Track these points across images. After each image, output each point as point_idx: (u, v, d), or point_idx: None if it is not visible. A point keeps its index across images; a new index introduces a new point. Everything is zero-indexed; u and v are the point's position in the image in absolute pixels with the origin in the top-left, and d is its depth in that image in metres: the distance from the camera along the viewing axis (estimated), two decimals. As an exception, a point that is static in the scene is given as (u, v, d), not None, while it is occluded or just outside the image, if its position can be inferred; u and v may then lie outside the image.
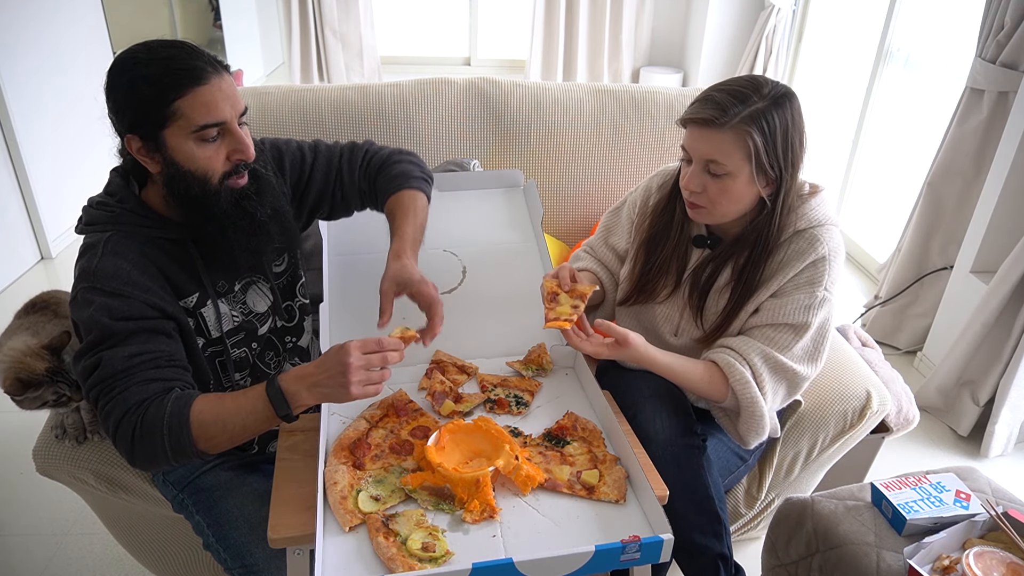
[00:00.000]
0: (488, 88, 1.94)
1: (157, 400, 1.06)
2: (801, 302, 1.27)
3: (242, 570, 1.21)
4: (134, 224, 1.17)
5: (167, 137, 1.08)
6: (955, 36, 2.79)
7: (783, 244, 1.29)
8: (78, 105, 3.46)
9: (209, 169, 1.12)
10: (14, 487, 2.06)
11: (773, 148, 1.19)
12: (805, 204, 1.29)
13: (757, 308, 1.32)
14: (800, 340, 1.28)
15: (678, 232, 1.37)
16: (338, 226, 1.51)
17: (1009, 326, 2.14)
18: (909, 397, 1.86)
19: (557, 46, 4.58)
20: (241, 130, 1.13)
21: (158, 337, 1.12)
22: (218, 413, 1.07)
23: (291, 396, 1.06)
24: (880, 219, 3.24)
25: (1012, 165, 2.14)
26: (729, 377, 1.28)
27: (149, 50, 1.08)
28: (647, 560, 0.97)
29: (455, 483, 1.06)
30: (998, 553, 1.12)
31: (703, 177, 1.24)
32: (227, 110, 1.09)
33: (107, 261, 1.12)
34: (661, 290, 1.39)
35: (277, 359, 1.38)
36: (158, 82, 1.05)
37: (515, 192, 1.63)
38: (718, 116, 1.18)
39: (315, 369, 1.06)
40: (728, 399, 1.31)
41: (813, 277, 1.27)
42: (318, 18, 4.49)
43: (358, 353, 1.04)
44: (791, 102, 1.21)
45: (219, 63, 1.11)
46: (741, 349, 1.29)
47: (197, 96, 1.06)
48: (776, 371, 1.29)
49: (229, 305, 1.27)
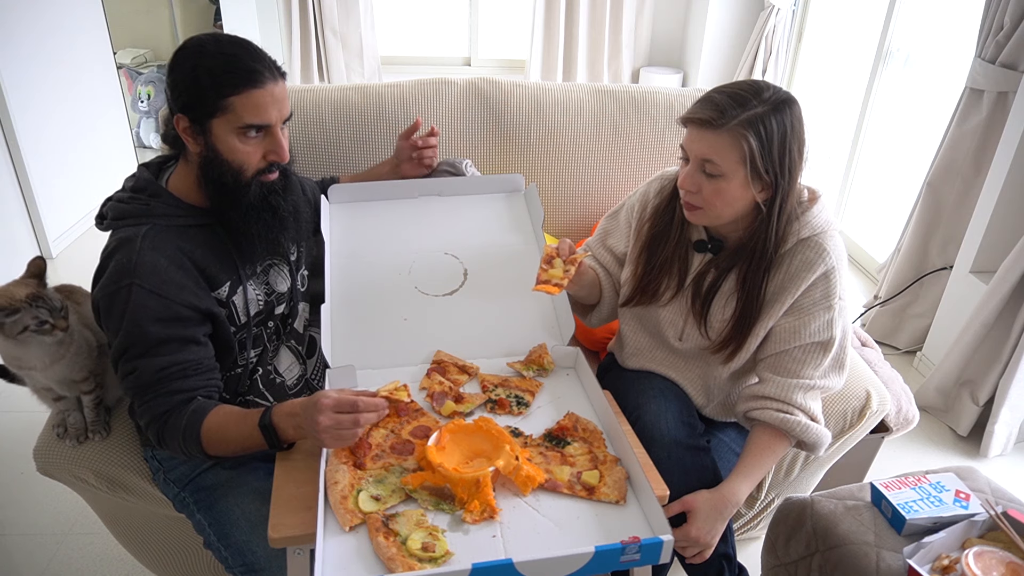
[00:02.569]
0: (488, 88, 1.95)
1: (177, 412, 1.18)
2: (822, 318, 1.27)
3: (243, 568, 1.21)
4: (168, 216, 1.24)
5: (214, 126, 1.17)
6: (955, 36, 2.80)
7: (788, 253, 1.28)
8: (79, 105, 3.46)
9: (245, 163, 1.21)
10: (14, 487, 2.06)
11: (769, 153, 1.19)
12: (807, 212, 1.28)
13: (773, 327, 1.31)
14: (829, 355, 1.29)
15: (678, 233, 1.37)
16: (340, 228, 1.52)
17: (1009, 326, 2.15)
18: (909, 397, 1.86)
19: (557, 46, 4.58)
20: (282, 133, 1.22)
21: (188, 347, 1.20)
22: (223, 434, 1.17)
23: (280, 431, 1.15)
24: (880, 219, 3.24)
25: (1012, 165, 2.14)
26: (789, 432, 1.28)
27: (217, 43, 1.16)
28: (647, 561, 0.97)
29: (455, 483, 1.06)
30: (997, 553, 1.12)
31: (699, 177, 1.24)
32: (273, 114, 1.18)
33: (146, 256, 1.18)
34: (664, 292, 1.39)
35: (277, 342, 1.43)
36: (218, 76, 1.14)
37: (516, 196, 1.63)
38: (716, 117, 1.18)
39: (300, 410, 1.12)
40: (792, 444, 1.32)
41: (827, 290, 1.27)
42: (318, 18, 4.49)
43: (330, 413, 1.07)
44: (791, 109, 1.21)
45: (277, 69, 1.20)
46: (781, 396, 1.29)
47: (250, 97, 1.15)
48: (816, 397, 1.31)
49: (255, 287, 1.34)
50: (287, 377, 1.43)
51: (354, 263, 1.47)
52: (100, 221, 1.27)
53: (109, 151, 3.74)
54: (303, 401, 1.12)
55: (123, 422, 1.43)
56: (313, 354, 1.50)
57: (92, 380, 1.35)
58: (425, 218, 1.57)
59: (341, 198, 1.57)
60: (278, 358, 1.42)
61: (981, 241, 2.27)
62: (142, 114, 4.44)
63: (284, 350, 1.44)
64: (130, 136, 3.94)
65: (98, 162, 3.61)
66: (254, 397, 1.37)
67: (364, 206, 1.57)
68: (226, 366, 1.32)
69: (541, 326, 1.42)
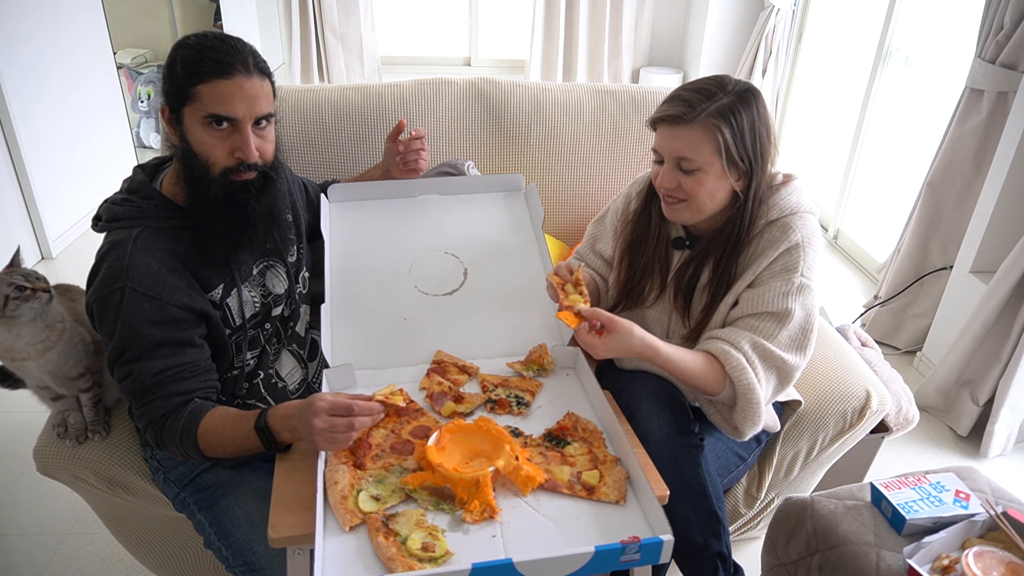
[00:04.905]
0: (488, 88, 1.94)
1: (174, 414, 1.18)
2: (778, 289, 1.27)
3: (244, 568, 1.21)
4: (160, 218, 1.23)
5: (185, 115, 1.18)
6: (955, 36, 2.80)
7: (756, 236, 1.30)
8: (79, 105, 3.46)
9: (211, 156, 1.19)
10: (14, 487, 2.06)
11: (742, 140, 1.22)
12: (776, 194, 1.30)
13: (736, 301, 1.31)
14: (784, 328, 1.27)
15: (656, 234, 1.39)
16: (340, 229, 1.52)
17: (1009, 326, 2.15)
18: (909, 397, 1.86)
19: (557, 46, 4.58)
20: (254, 132, 1.19)
21: (184, 349, 1.20)
22: (219, 437, 1.17)
23: (276, 433, 1.14)
24: (880, 219, 3.24)
25: (1012, 165, 2.14)
26: (725, 364, 1.26)
27: (203, 37, 1.18)
28: (647, 561, 0.97)
29: (455, 483, 1.06)
30: (997, 553, 1.12)
31: (675, 174, 1.26)
32: (240, 108, 1.16)
33: (138, 259, 1.18)
34: (648, 294, 1.41)
35: (278, 345, 1.42)
36: (190, 64, 1.15)
37: (516, 196, 1.63)
38: (686, 112, 1.21)
39: (295, 412, 1.11)
40: (724, 391, 1.28)
41: (788, 264, 1.27)
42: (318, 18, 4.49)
43: (324, 415, 1.07)
44: (755, 98, 1.24)
45: (258, 66, 1.19)
46: (731, 337, 1.28)
47: (217, 86, 1.15)
48: (765, 359, 1.27)
49: (251, 289, 1.33)
50: (289, 381, 1.43)
51: (354, 263, 1.47)
52: (96, 223, 1.27)
53: (109, 151, 3.74)
54: (298, 403, 1.11)
55: (123, 422, 1.43)
56: (315, 357, 1.49)
57: (89, 377, 1.35)
58: (425, 218, 1.57)
59: (341, 197, 1.57)
60: (279, 362, 1.42)
61: (981, 241, 2.27)
62: (142, 114, 4.44)
63: (286, 354, 1.43)
64: (130, 136, 3.94)
65: (98, 162, 3.61)
66: (256, 401, 1.37)
67: (364, 205, 1.57)
68: (222, 368, 1.31)
69: (541, 326, 1.42)
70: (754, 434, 1.34)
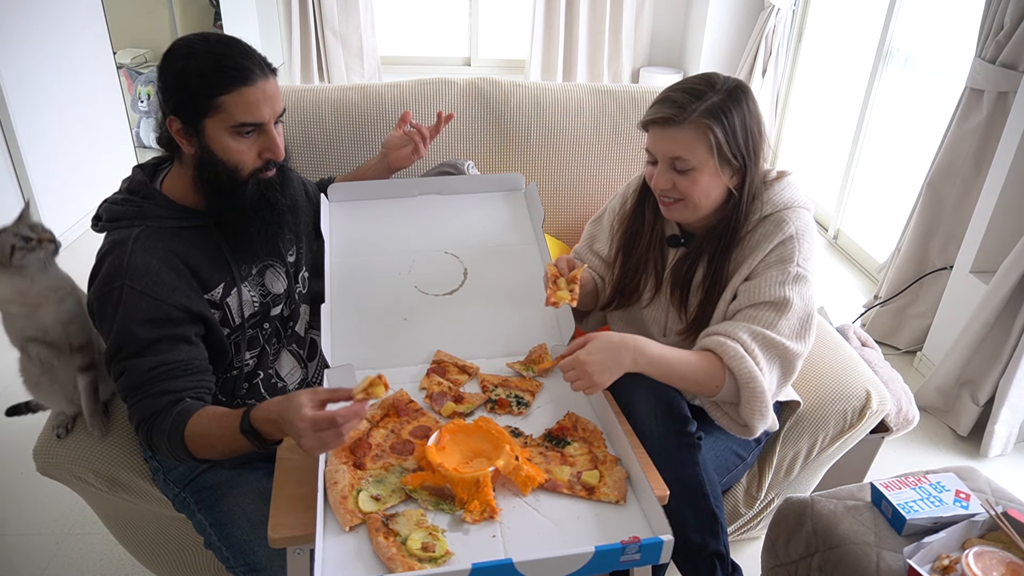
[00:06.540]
0: (488, 88, 1.95)
1: (164, 413, 1.15)
2: (774, 279, 1.27)
3: (244, 568, 1.21)
4: (161, 217, 1.23)
5: (207, 126, 1.16)
6: (955, 36, 2.80)
7: (751, 231, 1.30)
8: (79, 105, 3.46)
9: (240, 162, 1.20)
10: (14, 487, 2.06)
11: (734, 138, 1.22)
12: (769, 189, 1.30)
13: (734, 295, 1.32)
14: (783, 317, 1.26)
15: (650, 232, 1.40)
16: (340, 227, 1.52)
17: (1009, 326, 2.15)
18: (909, 397, 1.86)
19: (557, 46, 4.58)
20: (276, 130, 1.21)
21: (179, 346, 1.19)
22: (207, 438, 1.13)
23: (264, 434, 1.08)
24: (880, 219, 3.24)
25: (1012, 165, 2.14)
26: (723, 355, 1.24)
27: (206, 42, 1.15)
28: (647, 561, 0.97)
29: (455, 483, 1.06)
30: (998, 553, 1.12)
31: (670, 175, 1.27)
32: (266, 111, 1.17)
33: (137, 258, 1.17)
34: (644, 292, 1.41)
35: (277, 345, 1.42)
36: (207, 76, 1.12)
37: (516, 195, 1.63)
38: (677, 114, 1.21)
39: (278, 417, 1.04)
40: (725, 385, 1.26)
41: (784, 255, 1.27)
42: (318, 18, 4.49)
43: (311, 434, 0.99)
44: (745, 94, 1.24)
45: (267, 65, 1.18)
46: (727, 330, 1.27)
47: (241, 95, 1.14)
48: (767, 346, 1.26)
49: (250, 288, 1.33)
50: (289, 381, 1.43)
51: (354, 262, 1.47)
52: (96, 223, 1.27)
53: (109, 151, 3.74)
54: (278, 408, 1.05)
55: (123, 422, 1.43)
56: (314, 357, 1.49)
57: (89, 353, 1.34)
58: (425, 217, 1.57)
59: (341, 197, 1.57)
60: (279, 362, 1.42)
61: (981, 241, 2.27)
62: (142, 114, 4.44)
63: (285, 354, 1.43)
64: (130, 136, 3.94)
65: (98, 162, 3.61)
66: (255, 401, 1.35)
67: (364, 205, 1.57)
68: (221, 369, 1.31)
69: (541, 326, 1.42)
70: (765, 429, 1.33)
